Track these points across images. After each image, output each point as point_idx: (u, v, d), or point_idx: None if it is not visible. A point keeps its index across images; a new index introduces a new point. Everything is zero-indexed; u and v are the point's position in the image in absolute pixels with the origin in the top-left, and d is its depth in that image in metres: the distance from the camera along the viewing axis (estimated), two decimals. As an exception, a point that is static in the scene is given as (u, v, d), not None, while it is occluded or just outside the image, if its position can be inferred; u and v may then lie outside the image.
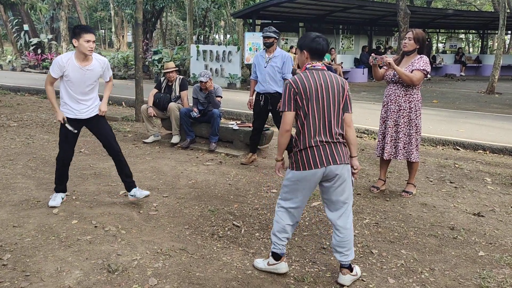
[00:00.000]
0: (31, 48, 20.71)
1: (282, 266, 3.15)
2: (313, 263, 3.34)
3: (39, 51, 20.37)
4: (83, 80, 4.09)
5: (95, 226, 3.87)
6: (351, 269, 3.08)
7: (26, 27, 21.34)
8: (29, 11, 13.61)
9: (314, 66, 2.95)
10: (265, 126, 6.19)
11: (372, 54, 4.64)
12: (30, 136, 7.16)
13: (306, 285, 3.06)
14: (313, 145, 2.89)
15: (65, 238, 3.64)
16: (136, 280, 3.04)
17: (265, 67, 5.62)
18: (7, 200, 4.42)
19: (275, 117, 5.74)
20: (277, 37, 5.68)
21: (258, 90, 5.75)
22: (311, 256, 3.45)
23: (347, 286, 3.04)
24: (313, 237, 3.78)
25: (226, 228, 3.92)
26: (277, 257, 3.14)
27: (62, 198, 4.37)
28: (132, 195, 4.35)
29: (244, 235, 3.79)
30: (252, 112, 6.03)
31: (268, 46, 5.66)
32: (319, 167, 2.88)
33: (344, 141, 3.02)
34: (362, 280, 3.13)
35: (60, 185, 4.38)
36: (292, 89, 2.90)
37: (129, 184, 4.37)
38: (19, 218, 3.99)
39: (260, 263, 3.24)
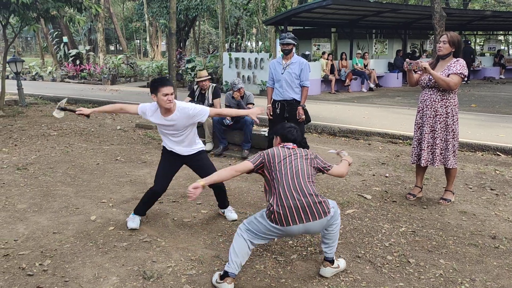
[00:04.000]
0: (70, 59, 21.45)
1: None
2: (347, 273, 3.28)
3: (77, 62, 21.07)
4: (170, 129, 3.96)
5: (131, 233, 3.94)
6: (332, 262, 3.25)
7: (65, 39, 22.15)
8: (68, 23, 14.14)
9: (285, 146, 3.34)
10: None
11: (407, 60, 4.54)
12: (69, 144, 7.39)
13: (341, 294, 3.01)
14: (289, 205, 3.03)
15: (102, 244, 3.72)
16: (171, 287, 3.08)
17: (282, 74, 5.52)
18: (47, 207, 4.57)
19: None
20: (295, 44, 5.57)
21: (275, 97, 5.64)
22: (346, 265, 3.39)
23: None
24: (347, 246, 3.72)
25: (259, 236, 3.91)
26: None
27: (140, 220, 4.13)
28: (222, 211, 4.41)
29: (277, 243, 3.77)
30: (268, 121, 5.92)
31: (287, 53, 5.55)
32: (298, 223, 3.00)
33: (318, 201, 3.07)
34: (399, 290, 3.05)
35: (142, 210, 4.14)
36: (261, 157, 3.23)
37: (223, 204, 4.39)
38: (59, 225, 4.12)
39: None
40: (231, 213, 4.34)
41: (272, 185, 3.13)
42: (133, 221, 4.05)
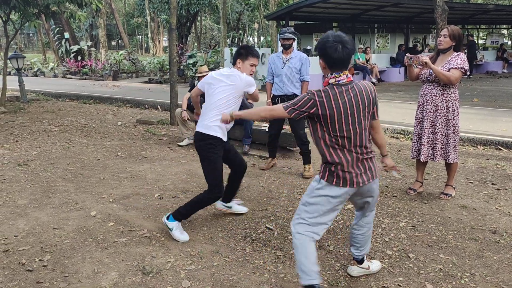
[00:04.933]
0: (72, 55, 21.43)
1: None
2: (347, 267, 3.28)
3: (79, 58, 21.05)
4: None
5: (131, 229, 3.95)
6: (361, 262, 3.14)
7: (66, 35, 22.11)
8: (69, 19, 14.13)
9: (338, 81, 2.60)
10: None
11: (407, 54, 4.51)
12: (70, 140, 7.40)
13: (340, 289, 3.01)
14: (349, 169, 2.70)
15: (102, 240, 3.73)
16: (170, 282, 3.08)
17: (282, 68, 5.49)
18: (48, 203, 4.57)
19: (292, 122, 5.50)
20: (295, 38, 5.54)
21: (275, 92, 5.60)
22: (345, 260, 3.38)
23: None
24: (347, 241, 3.71)
25: (259, 231, 3.91)
26: None
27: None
28: (228, 206, 4.27)
29: (277, 238, 3.77)
30: None
31: (287, 48, 5.51)
32: (353, 186, 2.72)
33: (373, 155, 2.83)
34: (398, 285, 3.05)
35: (187, 216, 3.81)
36: (311, 103, 2.59)
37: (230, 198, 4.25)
38: (59, 220, 4.12)
39: None
40: (239, 205, 4.31)
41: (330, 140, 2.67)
42: (182, 232, 3.72)
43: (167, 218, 3.76)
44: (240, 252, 3.51)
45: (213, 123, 3.66)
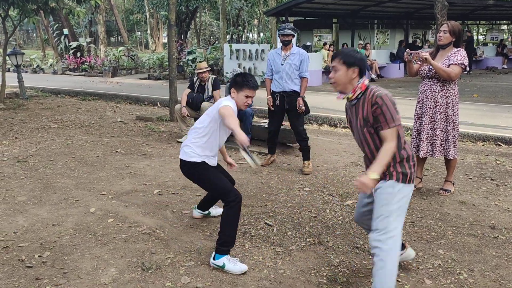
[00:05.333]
0: (71, 51, 21.41)
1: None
2: (345, 263, 3.29)
3: (78, 54, 21.03)
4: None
5: (130, 225, 3.95)
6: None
7: (65, 31, 22.08)
8: (68, 15, 14.08)
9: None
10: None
11: (407, 50, 4.50)
12: (69, 137, 7.39)
13: (338, 285, 3.01)
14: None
15: (101, 236, 3.73)
16: (169, 278, 3.08)
17: (282, 65, 5.48)
18: (47, 199, 4.58)
19: (291, 118, 5.52)
20: (295, 34, 5.52)
21: (274, 89, 5.58)
22: (345, 256, 3.39)
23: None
24: (346, 236, 3.72)
25: (258, 227, 3.91)
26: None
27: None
28: (204, 213, 4.11)
29: (276, 234, 3.77)
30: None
31: (286, 44, 5.50)
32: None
33: None
34: (398, 280, 3.05)
35: (231, 242, 3.28)
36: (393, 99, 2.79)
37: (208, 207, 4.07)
38: (59, 217, 4.13)
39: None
40: (216, 209, 4.11)
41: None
42: (235, 262, 3.20)
43: (213, 258, 3.22)
44: (239, 248, 3.52)
45: (188, 149, 3.46)
